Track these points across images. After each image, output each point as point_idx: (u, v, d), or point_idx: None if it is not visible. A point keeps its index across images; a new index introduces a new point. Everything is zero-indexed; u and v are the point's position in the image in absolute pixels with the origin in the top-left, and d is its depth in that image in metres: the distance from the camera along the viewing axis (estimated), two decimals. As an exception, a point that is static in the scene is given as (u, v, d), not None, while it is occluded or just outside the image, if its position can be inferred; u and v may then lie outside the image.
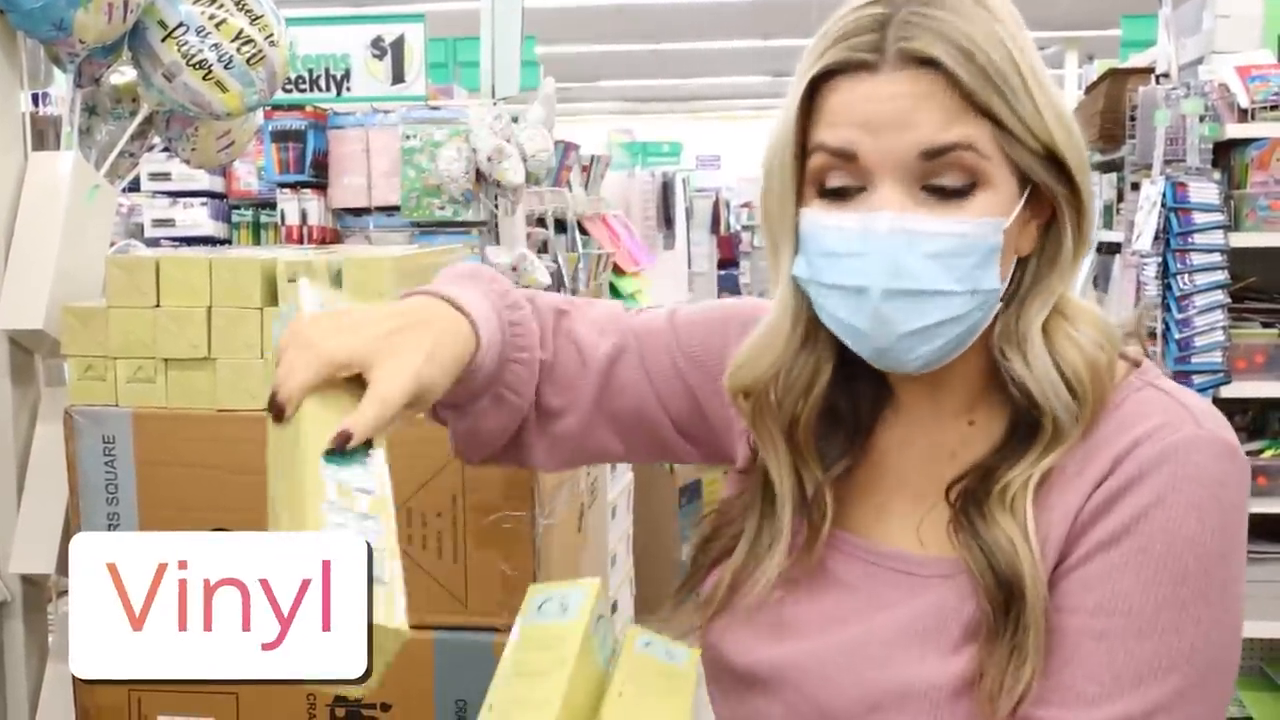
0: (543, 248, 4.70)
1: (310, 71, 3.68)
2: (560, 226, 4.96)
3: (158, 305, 1.38)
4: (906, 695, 0.79)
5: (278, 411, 0.77)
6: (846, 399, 0.88)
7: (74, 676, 1.38)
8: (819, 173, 0.80)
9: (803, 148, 0.80)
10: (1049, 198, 0.80)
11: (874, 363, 0.82)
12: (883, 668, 0.81)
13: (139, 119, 1.66)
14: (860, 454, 0.89)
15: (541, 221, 4.65)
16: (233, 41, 1.60)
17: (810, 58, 0.80)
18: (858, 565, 0.87)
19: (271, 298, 1.38)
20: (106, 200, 1.61)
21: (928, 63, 0.75)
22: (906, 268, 0.77)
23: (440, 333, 0.83)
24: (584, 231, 5.40)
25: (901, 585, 0.84)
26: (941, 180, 0.77)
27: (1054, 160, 0.79)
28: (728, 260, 9.97)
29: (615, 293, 5.92)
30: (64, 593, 1.56)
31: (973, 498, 0.81)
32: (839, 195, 0.79)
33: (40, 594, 1.56)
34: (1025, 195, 0.79)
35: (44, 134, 1.70)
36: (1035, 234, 0.82)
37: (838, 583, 0.87)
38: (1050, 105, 0.78)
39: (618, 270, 5.94)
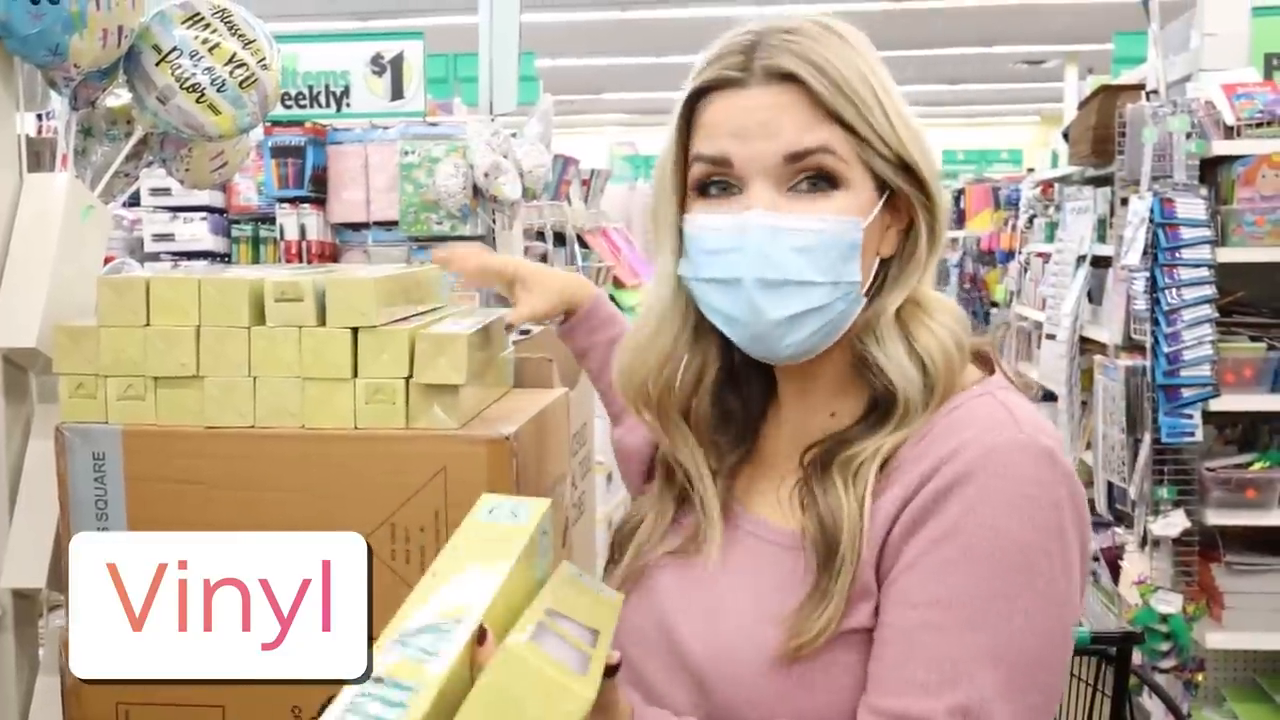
0: (543, 259, 4.74)
1: (310, 88, 3.73)
2: (560, 240, 4.99)
3: (147, 324, 1.41)
4: (737, 652, 0.87)
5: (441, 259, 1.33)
6: (737, 399, 0.99)
7: (63, 690, 1.41)
8: (700, 180, 0.89)
9: (684, 159, 0.90)
10: (905, 205, 0.89)
11: (750, 350, 0.90)
12: (724, 638, 0.89)
13: (133, 140, 1.69)
14: (751, 446, 1.00)
15: (541, 235, 4.69)
16: (225, 65, 1.63)
17: (689, 78, 0.91)
18: (729, 525, 0.96)
19: (259, 317, 1.41)
20: (101, 220, 1.63)
21: (788, 77, 0.86)
22: (774, 259, 0.85)
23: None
24: (584, 245, 5.43)
25: (754, 551, 0.93)
26: (804, 181, 0.86)
27: (906, 168, 0.87)
28: (729, 272, 9.97)
29: (616, 305, 5.95)
30: (55, 607, 1.58)
31: (820, 462, 0.90)
32: (718, 196, 0.88)
33: (31, 608, 1.58)
34: (883, 200, 0.88)
35: (40, 155, 1.73)
36: (895, 239, 0.91)
37: (705, 540, 0.97)
38: (900, 118, 0.87)
39: (618, 283, 5.97)
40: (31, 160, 1.69)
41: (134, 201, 3.79)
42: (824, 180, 0.86)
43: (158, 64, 1.62)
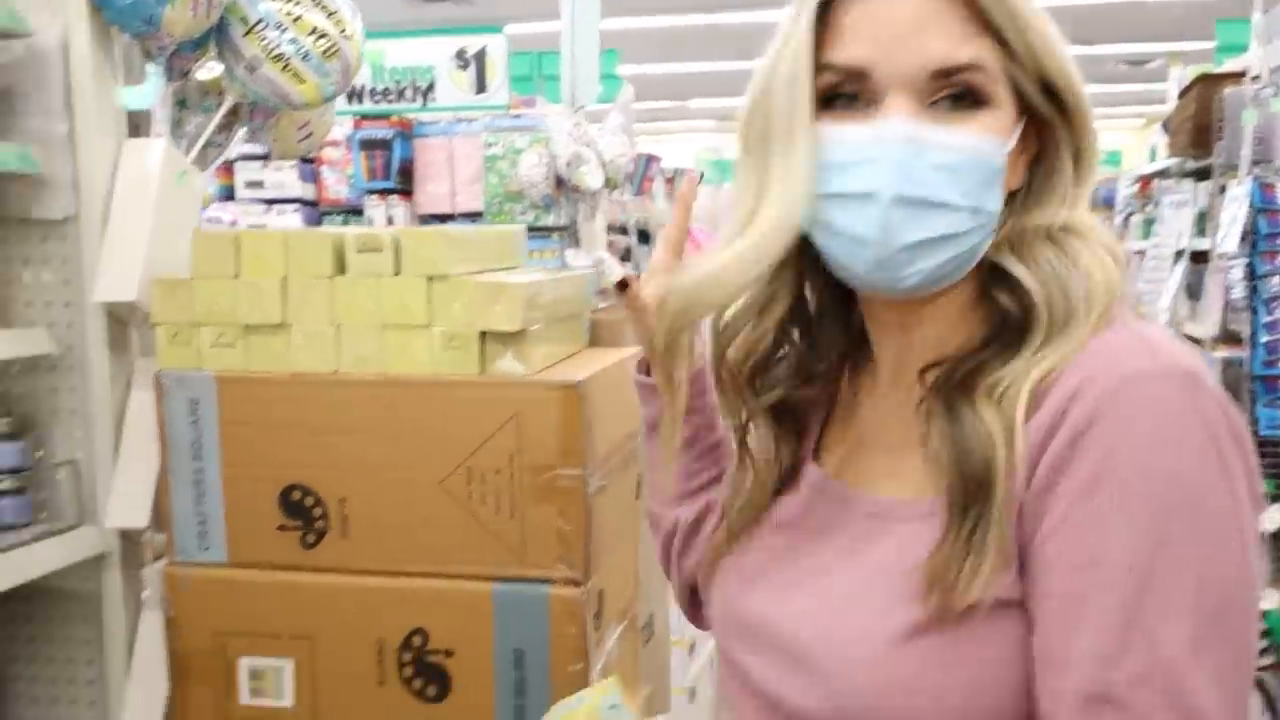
0: (626, 255, 4.77)
1: (397, 82, 3.83)
2: (644, 237, 5.02)
3: (237, 276, 1.48)
4: (865, 640, 0.78)
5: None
6: (805, 343, 0.91)
7: (166, 623, 1.48)
8: (824, 90, 0.80)
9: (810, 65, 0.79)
10: (1037, 134, 0.81)
11: (866, 279, 0.81)
12: (845, 619, 0.80)
13: (224, 109, 1.77)
14: (837, 403, 0.92)
15: (624, 230, 4.72)
16: (309, 36, 1.70)
17: None
18: (833, 508, 0.87)
19: (340, 268, 1.47)
20: (194, 184, 1.71)
21: None
22: (915, 175, 0.76)
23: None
24: (668, 243, 5.44)
25: (870, 531, 0.83)
26: (949, 98, 0.77)
27: (1051, 93, 0.80)
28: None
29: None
30: (159, 557, 1.65)
31: (957, 385, 0.78)
32: (844, 110, 0.79)
33: (135, 548, 1.66)
34: (1022, 124, 0.79)
35: (139, 126, 1.81)
36: (1022, 170, 0.82)
37: (810, 528, 0.88)
38: (1053, 36, 0.79)
39: (701, 282, 5.97)
40: (131, 131, 1.78)
41: (229, 196, 3.93)
42: (970, 98, 0.77)
43: (245, 35, 1.69)
